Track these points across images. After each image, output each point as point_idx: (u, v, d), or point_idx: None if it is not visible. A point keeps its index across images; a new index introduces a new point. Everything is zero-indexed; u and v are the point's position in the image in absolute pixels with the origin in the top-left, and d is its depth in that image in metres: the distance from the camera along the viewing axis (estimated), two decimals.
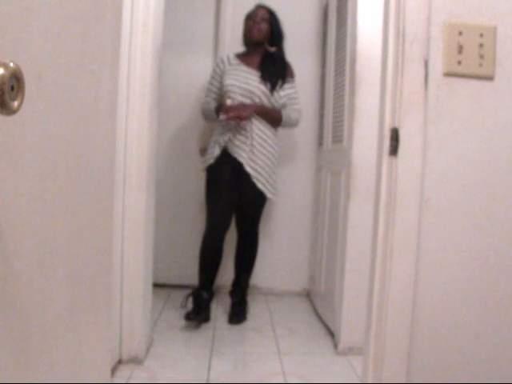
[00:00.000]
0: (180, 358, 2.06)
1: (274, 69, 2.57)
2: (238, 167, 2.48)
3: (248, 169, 2.47)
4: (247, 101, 2.49)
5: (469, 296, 1.33)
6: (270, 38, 2.60)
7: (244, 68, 2.57)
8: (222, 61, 2.65)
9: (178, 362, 2.02)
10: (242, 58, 2.62)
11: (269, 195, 2.55)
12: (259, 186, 2.49)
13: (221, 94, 2.61)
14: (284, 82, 2.58)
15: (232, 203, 2.54)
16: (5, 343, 0.60)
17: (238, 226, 2.66)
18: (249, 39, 2.61)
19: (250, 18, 2.60)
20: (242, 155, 2.45)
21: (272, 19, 2.60)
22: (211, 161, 2.51)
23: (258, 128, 2.48)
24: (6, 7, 0.56)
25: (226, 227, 2.54)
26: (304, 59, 3.05)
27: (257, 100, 2.49)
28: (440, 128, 1.31)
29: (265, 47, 2.62)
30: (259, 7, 2.63)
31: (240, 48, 2.68)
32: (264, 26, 2.57)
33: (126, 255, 1.90)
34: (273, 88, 2.53)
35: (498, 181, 1.31)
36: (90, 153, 0.89)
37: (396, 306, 1.33)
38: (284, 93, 2.57)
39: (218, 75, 2.64)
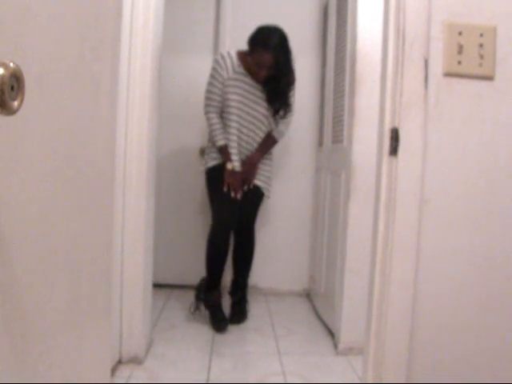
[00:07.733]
0: (180, 358, 2.06)
1: (279, 91, 2.50)
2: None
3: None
4: (250, 119, 2.50)
5: (468, 295, 1.33)
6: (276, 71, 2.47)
7: (249, 81, 2.48)
8: (225, 60, 2.47)
9: (178, 362, 2.02)
10: (246, 65, 2.48)
11: (266, 193, 2.64)
12: (260, 184, 2.56)
13: (222, 102, 2.49)
14: (286, 111, 2.55)
15: (237, 200, 2.54)
16: (5, 343, 0.60)
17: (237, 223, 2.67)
18: (254, 79, 2.50)
19: (257, 63, 2.41)
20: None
21: (280, 59, 2.40)
22: (214, 162, 2.52)
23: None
24: (6, 7, 0.56)
25: (233, 225, 2.57)
26: (304, 59, 3.05)
27: (258, 124, 2.52)
28: (440, 128, 1.31)
29: None
30: (266, 52, 2.37)
31: (240, 47, 2.59)
32: (270, 72, 2.43)
33: (125, 255, 1.90)
34: (275, 113, 2.54)
35: (497, 181, 1.31)
36: (90, 153, 0.89)
37: (396, 306, 1.33)
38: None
39: (221, 76, 2.47)
